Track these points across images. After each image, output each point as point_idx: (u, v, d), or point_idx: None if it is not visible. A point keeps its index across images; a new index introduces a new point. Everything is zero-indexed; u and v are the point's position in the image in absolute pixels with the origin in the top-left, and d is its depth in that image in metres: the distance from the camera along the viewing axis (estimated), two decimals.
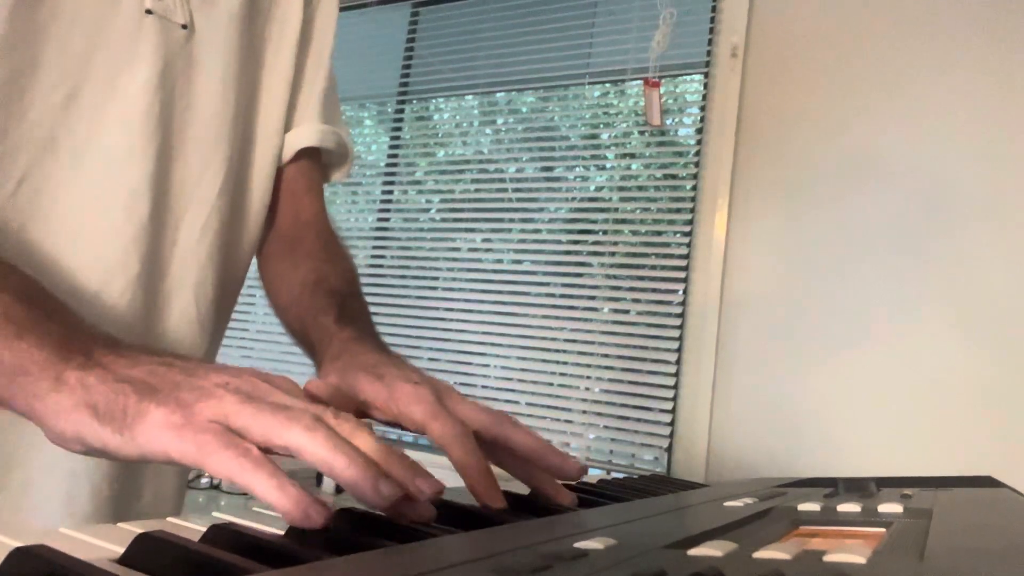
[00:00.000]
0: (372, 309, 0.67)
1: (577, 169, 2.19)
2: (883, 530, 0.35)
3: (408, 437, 1.99)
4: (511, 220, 2.23)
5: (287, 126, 0.71)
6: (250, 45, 0.65)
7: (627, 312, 2.01)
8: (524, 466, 0.48)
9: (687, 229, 1.93)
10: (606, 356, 1.99)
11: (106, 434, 0.35)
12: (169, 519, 0.34)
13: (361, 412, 0.49)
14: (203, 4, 0.60)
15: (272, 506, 0.32)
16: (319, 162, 0.75)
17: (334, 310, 0.60)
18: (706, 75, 1.98)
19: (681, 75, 2.06)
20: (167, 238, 0.59)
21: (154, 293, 0.59)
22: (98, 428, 0.35)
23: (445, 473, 0.46)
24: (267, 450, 0.35)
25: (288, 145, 0.71)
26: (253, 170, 0.67)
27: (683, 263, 1.93)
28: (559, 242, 2.14)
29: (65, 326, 0.39)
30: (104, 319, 0.54)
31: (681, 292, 1.93)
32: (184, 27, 0.59)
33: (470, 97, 2.41)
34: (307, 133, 0.71)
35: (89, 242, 0.54)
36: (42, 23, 0.51)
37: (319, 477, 1.69)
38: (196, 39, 0.60)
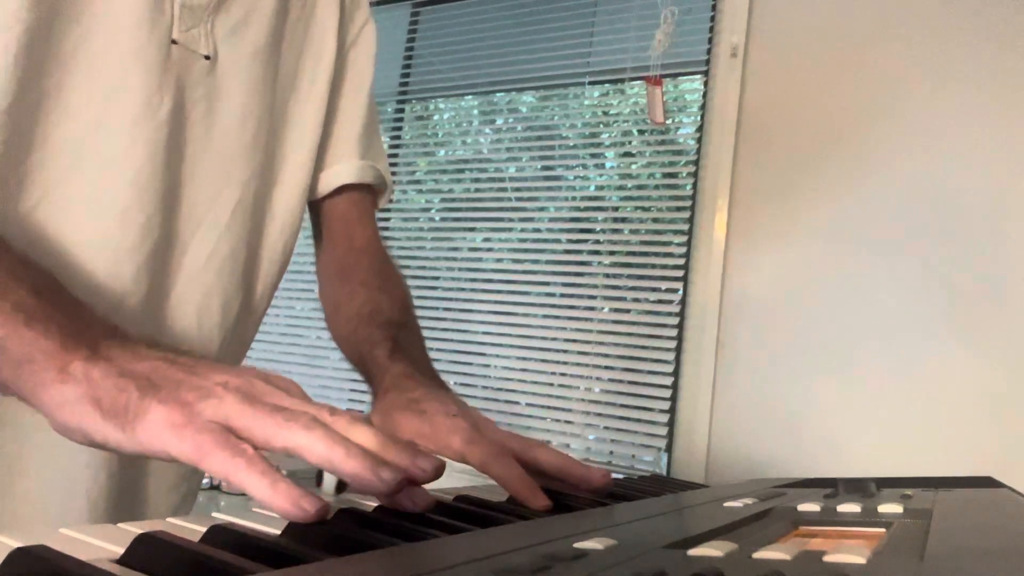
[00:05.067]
0: None
1: (577, 169, 2.19)
2: (883, 530, 0.35)
3: None
4: (511, 220, 2.23)
5: (327, 160, 0.74)
6: (276, 77, 0.67)
7: (627, 312, 2.01)
8: (553, 483, 0.52)
9: (687, 229, 1.93)
10: (606, 356, 1.99)
11: (108, 429, 0.36)
12: (169, 519, 0.34)
13: None
14: (229, 36, 0.62)
15: (265, 503, 0.33)
16: (369, 192, 0.79)
17: (388, 343, 0.64)
18: (706, 75, 1.98)
19: (681, 75, 2.06)
20: (174, 261, 0.60)
21: (160, 313, 0.60)
22: (101, 423, 0.36)
23: (459, 478, 0.47)
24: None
25: (329, 182, 0.74)
26: (274, 199, 0.68)
27: (682, 263, 1.93)
28: (559, 242, 2.14)
29: (73, 318, 0.40)
30: None
31: (680, 292, 1.93)
32: (207, 58, 0.60)
33: (470, 97, 2.41)
34: (347, 170, 0.75)
35: (104, 263, 0.55)
36: (70, 49, 0.52)
37: (319, 476, 1.69)
38: (219, 70, 0.61)
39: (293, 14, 0.68)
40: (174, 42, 0.57)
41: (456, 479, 0.47)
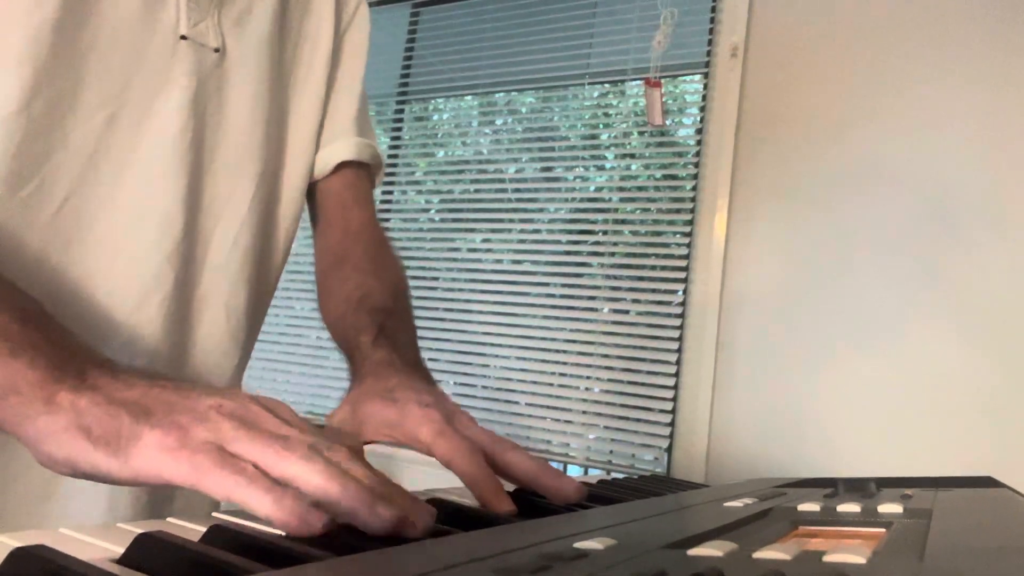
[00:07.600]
0: None
1: (577, 169, 2.19)
2: (883, 530, 0.35)
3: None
4: (511, 220, 2.23)
5: (323, 140, 0.73)
6: (279, 64, 0.67)
7: (627, 312, 2.01)
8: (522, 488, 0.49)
9: (687, 229, 1.93)
10: (606, 356, 1.99)
11: (99, 457, 0.35)
12: (169, 519, 0.34)
13: (371, 440, 0.52)
14: (235, 27, 0.62)
15: (270, 520, 0.32)
16: (366, 172, 0.78)
17: (373, 330, 0.62)
18: (706, 75, 1.98)
19: (681, 75, 2.06)
20: (198, 254, 0.61)
21: (186, 307, 0.60)
22: (91, 451, 0.35)
23: (448, 477, 0.46)
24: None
25: (327, 160, 0.73)
26: (283, 185, 0.69)
27: (683, 263, 1.93)
28: (559, 242, 2.14)
29: (60, 347, 0.39)
30: (142, 334, 0.56)
31: (681, 292, 1.93)
32: (216, 50, 0.60)
33: (470, 97, 2.41)
34: (345, 147, 0.74)
35: (127, 260, 0.55)
36: (83, 50, 0.52)
37: None
38: (228, 62, 0.61)
39: (292, 1, 0.68)
40: (184, 37, 0.57)
41: (454, 478, 0.47)
